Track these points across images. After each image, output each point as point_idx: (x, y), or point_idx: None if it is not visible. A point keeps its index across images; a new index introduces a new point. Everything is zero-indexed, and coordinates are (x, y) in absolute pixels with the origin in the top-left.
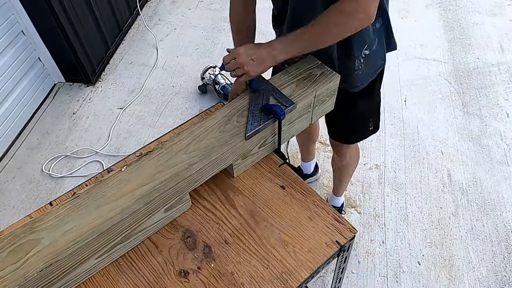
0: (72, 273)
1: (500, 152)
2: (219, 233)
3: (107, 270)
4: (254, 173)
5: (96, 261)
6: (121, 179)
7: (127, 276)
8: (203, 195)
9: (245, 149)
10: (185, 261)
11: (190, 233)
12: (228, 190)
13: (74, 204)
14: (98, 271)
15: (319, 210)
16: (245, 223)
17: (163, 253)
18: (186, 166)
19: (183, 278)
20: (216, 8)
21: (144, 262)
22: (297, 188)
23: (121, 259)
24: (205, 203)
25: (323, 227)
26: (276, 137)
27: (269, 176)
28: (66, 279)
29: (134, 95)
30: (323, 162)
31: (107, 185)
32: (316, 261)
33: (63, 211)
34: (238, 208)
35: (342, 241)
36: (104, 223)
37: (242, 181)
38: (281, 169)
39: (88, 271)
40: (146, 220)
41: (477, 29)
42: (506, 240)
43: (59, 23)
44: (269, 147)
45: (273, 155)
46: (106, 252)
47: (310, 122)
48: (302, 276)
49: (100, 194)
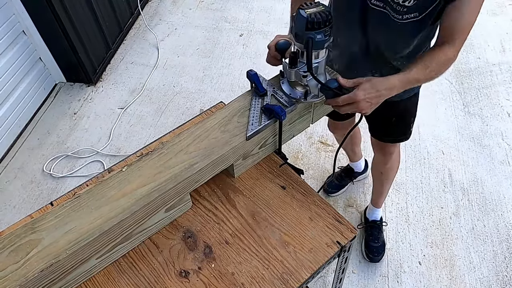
0: (73, 273)
1: (501, 152)
2: (220, 233)
3: (108, 270)
4: (254, 173)
5: (97, 261)
6: (121, 179)
7: (127, 276)
8: (204, 195)
9: (246, 150)
10: (185, 261)
11: (191, 233)
12: (228, 190)
13: (75, 204)
14: (98, 271)
15: (319, 210)
16: (245, 223)
17: (163, 253)
18: (187, 166)
19: (184, 278)
20: (217, 8)
21: (145, 262)
22: (298, 188)
23: (121, 259)
24: (206, 203)
25: (323, 227)
26: (276, 138)
27: (269, 177)
28: (66, 279)
29: (135, 95)
30: (324, 161)
31: (108, 185)
32: (316, 261)
33: (64, 211)
34: (238, 208)
35: (343, 241)
36: (104, 223)
37: (243, 181)
38: (281, 169)
39: (88, 271)
40: (146, 220)
41: (478, 29)
42: (507, 240)
43: (60, 23)
44: (269, 148)
45: (274, 155)
46: (107, 252)
47: (310, 122)
48: (302, 276)
49: (100, 194)
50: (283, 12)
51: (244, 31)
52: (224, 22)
